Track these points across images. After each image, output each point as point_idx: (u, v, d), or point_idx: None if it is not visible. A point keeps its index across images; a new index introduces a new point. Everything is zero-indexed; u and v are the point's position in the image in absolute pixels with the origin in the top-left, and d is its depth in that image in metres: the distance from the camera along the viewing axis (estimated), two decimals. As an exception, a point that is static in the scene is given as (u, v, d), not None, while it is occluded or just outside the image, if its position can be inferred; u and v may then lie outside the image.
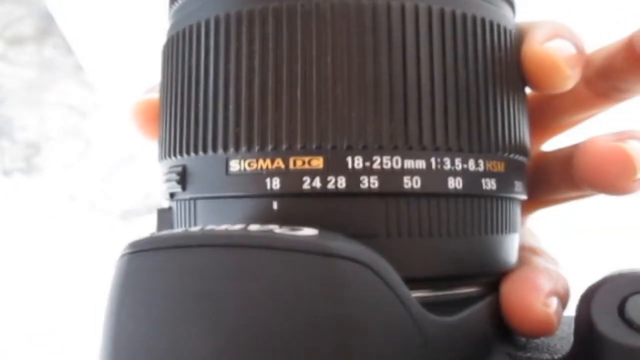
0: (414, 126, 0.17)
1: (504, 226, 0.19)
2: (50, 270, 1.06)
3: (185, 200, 0.19)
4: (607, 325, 0.16)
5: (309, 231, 0.15)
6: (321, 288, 0.14)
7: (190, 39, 0.18)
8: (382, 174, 0.17)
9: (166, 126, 0.19)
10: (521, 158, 0.20)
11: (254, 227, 0.15)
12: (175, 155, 0.19)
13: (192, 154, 0.18)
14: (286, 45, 0.17)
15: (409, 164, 0.17)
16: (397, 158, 0.17)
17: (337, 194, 0.17)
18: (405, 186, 0.17)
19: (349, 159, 0.17)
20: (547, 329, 0.19)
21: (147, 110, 0.24)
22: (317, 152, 0.17)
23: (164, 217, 0.20)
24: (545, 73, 0.19)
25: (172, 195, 0.20)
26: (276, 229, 0.15)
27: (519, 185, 0.20)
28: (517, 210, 0.20)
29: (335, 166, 0.17)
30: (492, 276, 0.20)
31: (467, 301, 0.18)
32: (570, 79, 0.19)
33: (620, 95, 0.23)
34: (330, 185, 0.17)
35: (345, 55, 0.17)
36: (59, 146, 1.27)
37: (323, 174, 0.17)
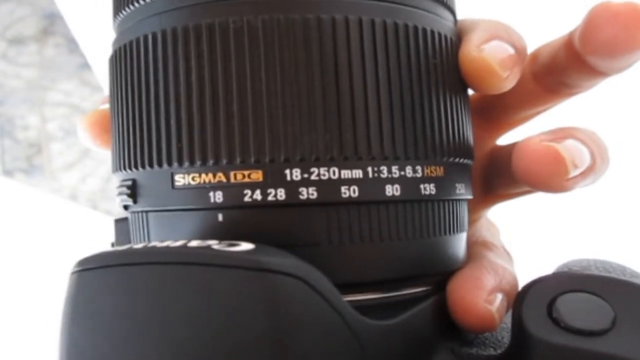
0: (348, 137, 0.17)
1: (447, 227, 0.19)
2: (50, 270, 1.06)
3: (137, 212, 0.20)
4: (535, 324, 0.17)
5: (246, 246, 0.16)
6: (256, 303, 0.15)
7: (132, 55, 0.19)
8: (320, 184, 0.17)
9: (116, 140, 0.20)
10: (463, 160, 0.20)
11: (193, 243, 0.16)
12: (125, 168, 0.19)
13: (140, 168, 0.18)
14: (220, 62, 0.17)
15: (345, 174, 0.17)
16: (334, 169, 0.17)
17: (277, 205, 0.17)
18: (344, 195, 0.17)
19: (287, 171, 0.17)
20: (489, 325, 0.19)
21: (100, 122, 0.24)
22: (256, 165, 0.17)
23: (121, 227, 0.21)
24: (481, 76, 0.19)
25: (125, 207, 0.20)
26: (215, 244, 0.16)
27: (460, 187, 0.20)
28: (462, 210, 0.21)
29: (274, 179, 0.17)
30: (439, 276, 0.20)
31: (413, 301, 0.19)
32: (506, 80, 0.19)
33: (568, 90, 0.23)
34: (271, 197, 0.17)
35: (278, 70, 0.17)
36: (60, 146, 1.28)
37: (263, 186, 0.17)
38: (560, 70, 0.22)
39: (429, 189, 0.19)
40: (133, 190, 0.19)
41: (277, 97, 0.17)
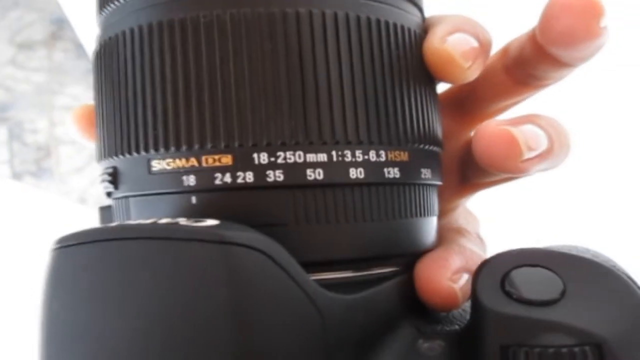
0: (313, 123, 0.18)
1: (414, 211, 0.20)
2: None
3: (119, 198, 0.21)
4: (488, 297, 0.17)
5: (210, 222, 0.17)
6: (217, 273, 0.16)
7: (112, 49, 0.20)
8: (286, 167, 0.18)
9: (99, 130, 0.21)
10: (429, 147, 0.21)
11: (163, 221, 0.17)
12: (107, 157, 0.20)
13: (120, 155, 0.19)
14: (192, 54, 0.18)
15: (311, 157, 0.18)
16: (300, 152, 0.18)
17: (246, 187, 0.18)
18: (309, 178, 0.18)
19: (255, 155, 0.18)
20: (452, 302, 0.20)
21: (87, 115, 0.26)
22: (226, 150, 0.18)
23: (105, 214, 0.23)
24: (444, 66, 0.20)
25: (108, 194, 0.21)
26: (182, 221, 0.17)
27: (426, 173, 0.21)
28: (429, 195, 0.21)
29: (243, 162, 0.18)
30: (405, 257, 0.20)
31: (379, 280, 0.19)
32: (468, 71, 0.20)
33: (538, 82, 0.23)
34: (240, 180, 0.18)
35: (246, 61, 0.18)
36: (69, 149, 1.30)
37: (232, 170, 0.18)
38: (528, 63, 0.23)
39: (393, 172, 0.19)
40: (114, 177, 0.20)
41: (245, 87, 0.18)
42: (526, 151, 0.20)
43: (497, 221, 0.33)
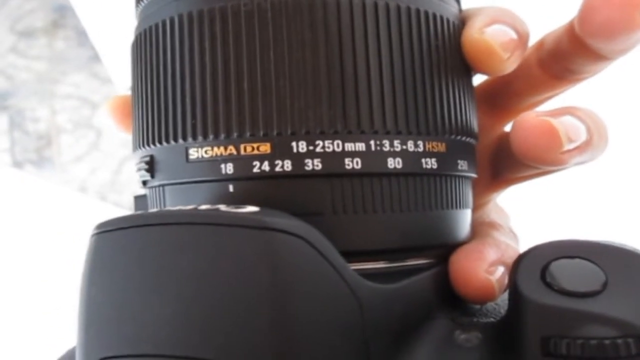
0: (352, 112, 0.18)
1: (450, 202, 0.20)
2: (59, 261, 1.07)
3: (155, 187, 0.21)
4: (529, 288, 0.17)
5: (251, 209, 0.17)
6: (258, 258, 0.16)
7: (151, 39, 0.20)
8: (324, 156, 0.18)
9: (136, 120, 0.21)
10: (465, 139, 0.21)
11: (203, 207, 0.17)
12: (144, 146, 0.20)
13: (158, 144, 0.20)
14: (232, 43, 0.18)
15: (349, 146, 0.18)
16: (338, 141, 0.18)
17: (284, 175, 0.18)
18: (347, 167, 0.18)
19: (294, 143, 0.18)
20: (489, 294, 0.20)
21: (122, 106, 0.26)
22: (265, 138, 0.18)
23: (140, 203, 0.23)
24: (483, 57, 0.20)
25: (144, 182, 0.21)
26: (222, 207, 0.17)
27: (463, 164, 0.21)
28: (465, 187, 0.21)
29: (281, 151, 0.18)
30: (440, 249, 0.20)
31: (414, 272, 0.19)
32: (507, 62, 0.20)
33: (574, 77, 0.23)
34: (278, 168, 0.18)
35: (286, 50, 0.18)
36: (70, 138, 1.29)
37: (271, 158, 0.18)
38: (565, 57, 0.22)
39: (430, 163, 0.19)
40: (151, 166, 0.20)
41: (285, 75, 0.18)
42: (566, 142, 0.20)
43: (525, 216, 0.33)
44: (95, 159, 1.29)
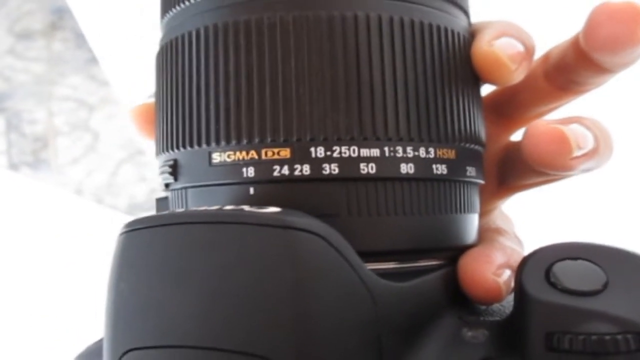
0: (367, 120, 0.19)
1: (458, 207, 0.21)
2: (55, 263, 1.08)
3: (177, 189, 0.21)
4: (534, 287, 0.18)
5: (273, 209, 0.18)
6: (281, 255, 0.17)
7: (177, 49, 0.21)
8: (341, 161, 0.19)
9: (160, 126, 0.22)
10: (473, 146, 0.22)
11: (227, 207, 0.18)
12: (168, 150, 0.21)
13: (182, 148, 0.21)
14: (255, 52, 0.19)
15: (364, 152, 0.19)
16: (354, 147, 0.19)
17: (303, 179, 0.19)
18: (362, 171, 0.19)
19: (312, 149, 0.19)
20: (496, 296, 0.21)
21: (145, 113, 0.27)
22: (285, 144, 0.19)
23: (162, 205, 0.24)
24: (492, 68, 0.21)
25: (167, 185, 0.22)
26: (246, 207, 0.18)
27: (471, 171, 0.22)
28: (472, 192, 0.22)
29: (300, 155, 0.19)
30: (449, 251, 0.21)
31: (424, 272, 0.20)
32: (515, 73, 0.21)
33: (578, 88, 0.24)
34: (297, 172, 0.19)
35: (306, 60, 0.19)
36: (66, 140, 1.29)
37: (290, 162, 0.19)
38: (570, 69, 0.23)
39: (440, 169, 0.20)
40: (174, 169, 0.21)
41: (305, 84, 0.19)
42: (576, 149, 0.21)
43: (528, 223, 0.34)
44: (91, 161, 1.29)
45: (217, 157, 0.20)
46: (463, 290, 0.21)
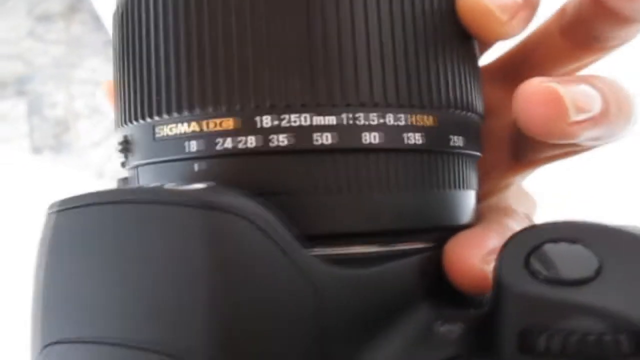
0: (321, 83, 0.17)
1: (443, 182, 0.19)
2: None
3: (131, 168, 0.20)
4: (510, 276, 0.16)
5: (198, 186, 0.16)
6: (197, 238, 0.15)
7: (125, 14, 0.19)
8: (291, 131, 0.17)
9: (116, 99, 0.20)
10: (461, 112, 0.19)
11: (155, 185, 0.17)
12: (120, 125, 0.20)
13: (129, 123, 0.19)
14: (194, 14, 0.17)
15: (318, 120, 0.17)
16: (306, 115, 0.17)
17: (248, 152, 0.17)
18: (316, 142, 0.17)
19: (258, 118, 0.17)
20: (483, 286, 0.18)
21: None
22: (227, 113, 0.17)
23: (122, 185, 0.22)
24: (480, 20, 0.18)
25: (122, 164, 0.21)
26: (168, 185, 0.16)
27: (457, 140, 0.19)
28: (464, 166, 0.19)
29: (245, 126, 0.17)
30: (432, 233, 0.19)
31: (395, 257, 0.18)
32: (508, 25, 0.18)
33: (600, 45, 0.21)
34: (241, 145, 0.17)
35: (248, 17, 0.17)
36: (87, 123, 1.29)
37: (234, 134, 0.17)
38: (587, 22, 0.21)
39: (414, 138, 0.18)
40: (124, 146, 0.19)
41: (247, 45, 0.17)
42: (573, 112, 0.17)
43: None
44: (112, 144, 1.29)
45: (159, 131, 0.18)
46: (447, 278, 0.18)
